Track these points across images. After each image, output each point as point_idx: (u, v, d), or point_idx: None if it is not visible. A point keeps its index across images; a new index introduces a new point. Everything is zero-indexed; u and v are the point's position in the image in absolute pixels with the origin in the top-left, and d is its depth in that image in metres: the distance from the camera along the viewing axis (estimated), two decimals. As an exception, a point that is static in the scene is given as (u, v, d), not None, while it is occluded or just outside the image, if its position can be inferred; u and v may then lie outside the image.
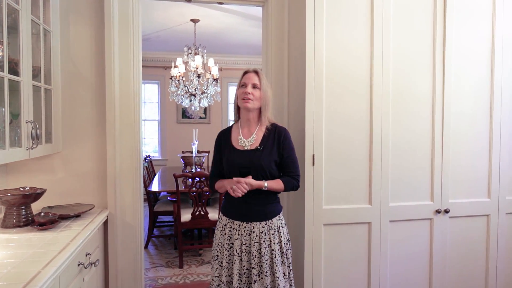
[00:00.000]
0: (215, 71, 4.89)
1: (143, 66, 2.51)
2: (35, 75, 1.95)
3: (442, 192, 2.30)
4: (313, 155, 2.10)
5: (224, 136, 1.94)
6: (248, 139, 1.87)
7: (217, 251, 1.88)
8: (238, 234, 1.82)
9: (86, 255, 1.83)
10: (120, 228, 2.34)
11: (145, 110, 7.43)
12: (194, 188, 3.68)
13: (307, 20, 2.07)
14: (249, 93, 1.81)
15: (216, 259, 1.87)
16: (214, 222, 3.78)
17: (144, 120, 7.41)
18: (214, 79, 4.93)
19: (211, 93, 5.07)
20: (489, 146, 2.37)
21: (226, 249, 1.83)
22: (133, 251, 2.40)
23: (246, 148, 1.86)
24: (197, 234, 4.46)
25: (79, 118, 2.30)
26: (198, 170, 4.78)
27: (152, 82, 7.31)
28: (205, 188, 3.71)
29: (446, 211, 2.29)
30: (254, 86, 1.83)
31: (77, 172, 2.31)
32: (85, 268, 1.77)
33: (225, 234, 1.86)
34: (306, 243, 2.11)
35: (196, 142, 5.01)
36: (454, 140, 2.31)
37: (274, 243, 1.80)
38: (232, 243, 1.83)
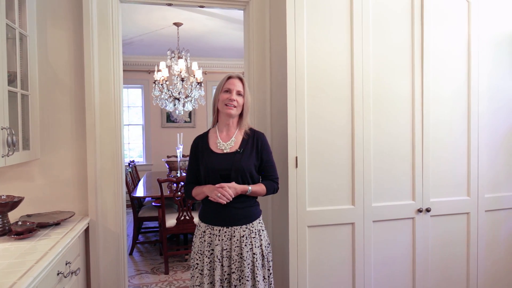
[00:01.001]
0: (199, 74, 4.87)
1: (126, 71, 2.48)
2: (11, 80, 1.90)
3: (423, 191, 2.33)
4: (296, 157, 2.10)
5: (201, 141, 1.92)
6: (227, 143, 1.86)
7: (197, 259, 1.84)
8: (219, 240, 1.79)
9: (66, 264, 1.79)
10: (102, 235, 2.30)
11: (129, 114, 7.34)
12: (179, 193, 3.65)
13: (287, 25, 2.08)
14: (234, 100, 1.81)
15: (196, 267, 1.83)
16: (200, 227, 3.75)
17: (128, 125, 7.33)
18: (198, 83, 4.91)
19: (195, 97, 5.05)
20: (468, 147, 2.42)
21: (206, 256, 1.80)
22: (116, 259, 2.35)
23: (225, 151, 1.84)
24: (183, 239, 4.41)
25: (58, 123, 2.26)
26: (184, 174, 4.74)
27: (136, 86, 7.24)
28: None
29: (428, 210, 2.33)
30: (238, 93, 1.83)
31: (56, 179, 2.26)
32: (65, 277, 1.73)
33: (204, 241, 1.82)
34: (290, 245, 2.11)
35: (181, 147, 4.97)
36: (434, 141, 2.35)
37: (255, 247, 1.79)
38: (213, 249, 1.80)
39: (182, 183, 3.64)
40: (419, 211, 2.32)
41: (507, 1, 2.50)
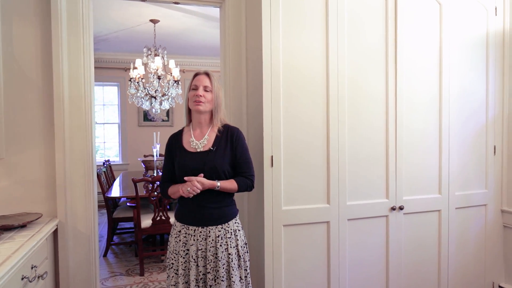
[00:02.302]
0: (176, 72, 4.80)
1: (102, 68, 2.41)
2: (-28, 76, 1.81)
3: (396, 190, 2.37)
4: (272, 156, 2.09)
5: (175, 140, 1.90)
6: (200, 141, 1.84)
7: (172, 259, 1.82)
8: (194, 240, 1.77)
9: (32, 268, 1.72)
10: (72, 237, 2.22)
11: (104, 113, 7.17)
12: (155, 193, 3.58)
13: (263, 24, 2.06)
14: (200, 95, 1.78)
15: (171, 267, 1.81)
16: (176, 227, 3.69)
17: (104, 123, 7.15)
18: (175, 81, 4.84)
19: (172, 95, 4.97)
20: (439, 146, 2.48)
21: (181, 256, 1.78)
22: (87, 261, 2.28)
23: (198, 150, 1.82)
24: (159, 240, 4.34)
25: (25, 122, 2.16)
26: (160, 174, 4.66)
27: (112, 84, 7.07)
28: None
29: (401, 208, 2.37)
30: (206, 89, 1.80)
31: (23, 179, 2.16)
32: (30, 281, 1.66)
33: (179, 240, 1.80)
34: (266, 245, 2.10)
35: (158, 146, 4.89)
36: (407, 141, 2.39)
37: (231, 247, 1.77)
38: (188, 249, 1.78)
39: (158, 183, 3.58)
40: (393, 209, 2.36)
41: (478, 4, 2.57)
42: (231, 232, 1.80)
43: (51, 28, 2.13)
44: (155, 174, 4.57)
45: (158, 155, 4.87)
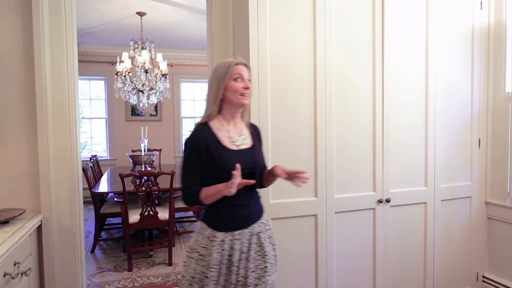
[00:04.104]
0: (163, 66, 4.75)
1: (88, 61, 2.36)
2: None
3: (383, 182, 2.39)
4: (259, 150, 2.09)
5: (209, 136, 1.58)
6: (241, 137, 1.64)
7: (214, 271, 1.55)
8: (240, 243, 1.57)
9: (15, 264, 1.69)
10: (56, 233, 2.18)
11: (91, 107, 7.06)
12: (143, 188, 3.54)
13: (250, 17, 2.04)
14: (249, 87, 1.59)
15: (212, 279, 1.55)
16: (164, 222, 3.67)
17: (91, 118, 7.05)
18: (163, 75, 4.78)
19: (160, 89, 4.92)
20: (425, 140, 2.50)
21: (225, 265, 1.57)
22: (72, 257, 2.25)
23: (241, 147, 1.62)
24: (148, 235, 4.31)
25: (6, 116, 2.11)
26: (149, 169, 4.62)
27: (99, 78, 6.96)
28: (154, 188, 3.59)
29: (388, 201, 2.39)
30: (249, 81, 1.62)
31: (5, 175, 2.12)
32: (13, 278, 1.63)
33: (223, 249, 1.56)
34: (253, 238, 2.10)
35: (146, 140, 4.84)
36: (393, 134, 2.40)
37: (271, 238, 1.69)
38: (231, 255, 1.57)
39: (146, 178, 3.55)
40: (380, 201, 2.38)
41: (462, -2, 2.60)
42: (268, 224, 1.71)
43: (32, 20, 2.07)
44: (143, 169, 4.53)
45: (146, 150, 4.82)
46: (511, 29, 2.63)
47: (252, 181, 1.50)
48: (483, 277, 2.80)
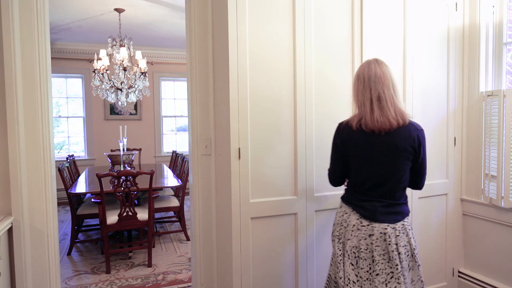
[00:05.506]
0: (142, 64, 4.66)
1: (64, 59, 2.28)
2: None
3: (362, 180, 2.41)
4: (239, 148, 2.07)
5: None
6: None
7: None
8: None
9: (-18, 270, 1.61)
10: (28, 235, 2.11)
11: (68, 106, 6.87)
12: (122, 188, 3.47)
13: (229, 14, 2.02)
14: None
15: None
16: (144, 223, 3.61)
17: (68, 117, 6.87)
18: (142, 73, 4.70)
19: (139, 88, 4.83)
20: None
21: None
22: (45, 260, 2.17)
23: None
24: (127, 236, 4.23)
25: (-26, 114, 2.02)
26: (128, 168, 4.53)
27: (76, 76, 6.78)
28: (133, 188, 3.52)
29: (366, 199, 2.41)
30: None
31: (-27, 176, 2.03)
32: (-20, 284, 1.56)
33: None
34: (233, 238, 2.08)
35: (125, 139, 4.74)
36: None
37: None
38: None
39: (124, 178, 3.47)
40: (359, 199, 2.40)
41: (440, 0, 2.65)
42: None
43: (1, 14, 1.99)
44: (121, 169, 4.44)
45: (125, 149, 4.72)
46: (484, 30, 2.70)
47: None
48: (459, 272, 2.87)
